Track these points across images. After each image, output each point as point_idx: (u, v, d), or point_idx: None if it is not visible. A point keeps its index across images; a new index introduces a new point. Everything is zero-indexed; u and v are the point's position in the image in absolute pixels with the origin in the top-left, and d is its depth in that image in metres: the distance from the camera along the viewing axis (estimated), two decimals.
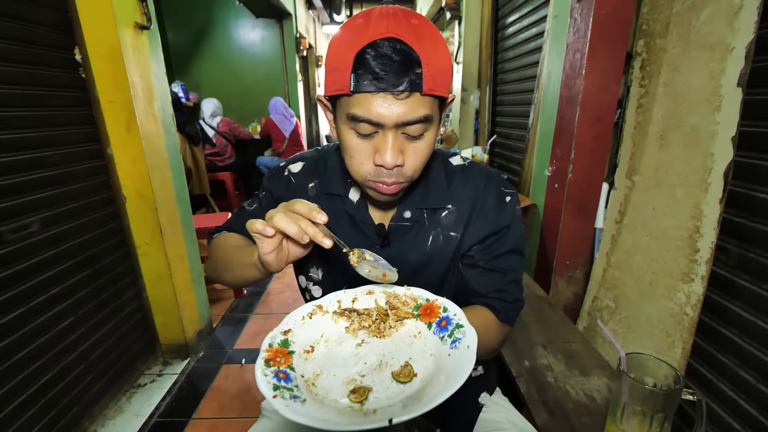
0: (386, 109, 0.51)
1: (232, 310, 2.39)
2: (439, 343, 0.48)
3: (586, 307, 1.42)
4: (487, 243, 0.68)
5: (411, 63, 0.49)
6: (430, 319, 0.51)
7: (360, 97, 0.51)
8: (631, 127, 1.26)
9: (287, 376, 0.44)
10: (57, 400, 1.32)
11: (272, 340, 0.49)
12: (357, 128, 0.54)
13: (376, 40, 0.49)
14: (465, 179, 0.69)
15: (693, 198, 1.02)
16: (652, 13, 1.17)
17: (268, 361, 0.45)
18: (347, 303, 0.58)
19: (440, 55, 0.52)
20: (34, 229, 1.25)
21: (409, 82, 0.49)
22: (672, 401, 0.65)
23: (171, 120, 1.74)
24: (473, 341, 0.44)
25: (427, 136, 0.56)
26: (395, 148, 0.54)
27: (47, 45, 1.32)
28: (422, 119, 0.53)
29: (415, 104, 0.51)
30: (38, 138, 1.29)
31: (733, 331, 0.94)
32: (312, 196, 0.71)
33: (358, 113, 0.52)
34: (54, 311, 1.32)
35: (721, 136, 0.93)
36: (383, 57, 0.49)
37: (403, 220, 0.68)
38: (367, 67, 0.49)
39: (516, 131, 2.25)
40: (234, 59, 4.77)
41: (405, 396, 0.42)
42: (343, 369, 0.48)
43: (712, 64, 0.96)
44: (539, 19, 1.87)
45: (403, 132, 0.54)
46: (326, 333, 0.54)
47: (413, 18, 0.52)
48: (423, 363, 0.47)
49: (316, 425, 0.36)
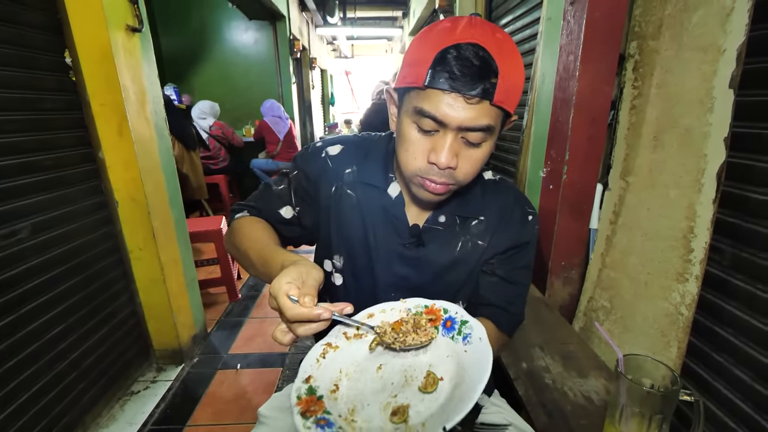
0: (454, 110, 0.52)
1: (227, 314, 2.37)
2: (452, 343, 0.49)
3: (582, 308, 1.43)
4: (507, 254, 0.71)
5: (489, 71, 0.51)
6: (435, 323, 0.52)
7: (431, 93, 0.53)
8: (624, 128, 1.26)
9: (327, 422, 0.44)
10: (49, 409, 1.30)
11: (298, 391, 0.49)
12: (420, 123, 0.55)
13: (461, 43, 0.51)
14: (497, 193, 0.73)
15: (687, 198, 1.02)
16: (644, 15, 1.18)
17: (304, 414, 0.45)
18: (352, 332, 0.57)
19: (517, 72, 0.54)
20: (23, 235, 1.23)
21: (482, 90, 0.51)
22: (670, 402, 0.65)
23: (164, 123, 1.72)
24: (482, 332, 0.45)
25: (484, 146, 0.57)
26: (452, 150, 0.55)
27: (36, 47, 1.30)
28: (485, 128, 0.54)
29: (482, 111, 0.53)
30: (28, 142, 1.27)
31: (728, 330, 0.95)
32: (348, 182, 0.71)
33: (426, 108, 0.53)
34: (45, 318, 1.30)
35: (713, 137, 0.94)
36: (464, 60, 0.50)
37: (437, 223, 0.70)
38: (446, 65, 0.51)
39: (510, 133, 2.26)
40: (227, 61, 4.75)
41: (441, 402, 0.43)
42: (374, 396, 0.48)
43: (704, 66, 0.97)
44: (532, 21, 1.88)
45: (462, 136, 0.55)
46: (344, 368, 0.53)
47: (498, 33, 0.54)
48: (444, 366, 0.48)
49: None
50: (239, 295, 2.56)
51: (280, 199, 0.73)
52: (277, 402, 0.79)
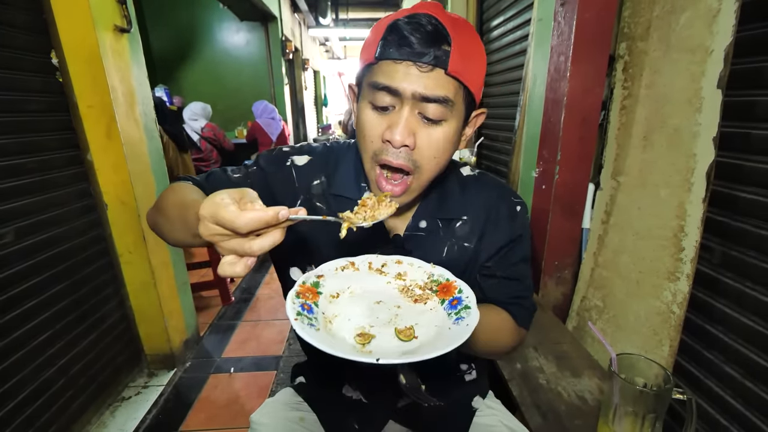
0: (406, 79, 0.50)
1: (220, 318, 2.34)
2: (446, 318, 0.51)
3: (575, 307, 1.43)
4: (503, 252, 0.69)
5: (440, 38, 0.50)
6: (445, 296, 0.55)
7: (383, 65, 0.52)
8: (615, 128, 1.27)
9: (310, 309, 0.50)
10: (36, 418, 1.27)
11: (306, 279, 0.55)
12: (375, 99, 0.53)
13: (412, 14, 0.51)
14: (478, 189, 0.70)
15: (677, 197, 1.03)
16: (633, 17, 1.19)
17: (298, 294, 0.52)
18: (377, 265, 0.61)
19: (475, 53, 0.52)
20: (8, 240, 1.20)
21: (434, 56, 0.49)
22: (663, 401, 0.65)
23: (153, 125, 1.70)
24: (473, 321, 0.46)
25: (445, 126, 0.54)
26: (407, 126, 0.53)
27: (21, 48, 1.28)
28: (442, 99, 0.51)
29: (438, 81, 0.50)
30: (13, 144, 1.24)
31: (718, 328, 0.96)
32: (317, 194, 0.67)
33: (379, 80, 0.52)
34: (32, 324, 1.27)
35: (702, 136, 0.95)
36: (414, 25, 0.50)
37: (418, 229, 0.67)
38: (396, 32, 0.50)
39: (503, 133, 2.27)
40: (218, 62, 4.72)
41: (402, 350, 0.47)
42: (358, 317, 0.52)
43: (692, 67, 0.98)
44: (524, 22, 1.89)
45: (420, 112, 0.53)
46: (353, 286, 0.58)
47: (455, 15, 0.54)
48: (426, 330, 0.50)
49: (322, 347, 0.41)
50: (232, 298, 2.53)
51: (231, 184, 0.65)
52: (269, 408, 0.78)
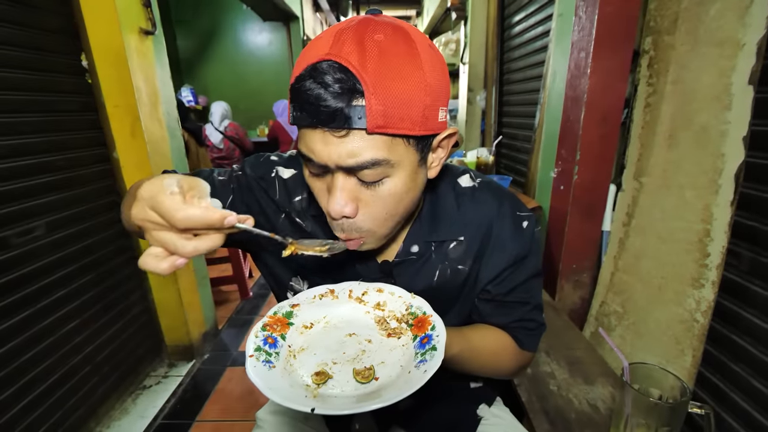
0: (325, 149, 0.42)
1: (238, 312, 2.40)
2: (411, 358, 0.48)
3: (594, 312, 1.39)
4: (503, 276, 0.61)
5: (348, 93, 0.40)
6: (418, 332, 0.51)
7: (302, 132, 0.44)
8: (638, 126, 1.22)
9: (274, 342, 0.49)
10: (63, 402, 1.34)
11: (279, 309, 0.54)
12: (307, 165, 0.47)
13: (318, 62, 0.40)
14: (476, 204, 0.61)
15: (703, 200, 0.98)
16: (659, 10, 1.14)
17: (265, 326, 0.50)
18: (357, 294, 0.59)
19: (406, 80, 0.41)
20: (39, 233, 1.27)
21: (343, 118, 0.40)
22: (678, 414, 0.62)
23: (176, 124, 1.75)
24: (433, 367, 0.43)
25: (388, 183, 0.45)
26: (344, 194, 0.45)
27: (53, 51, 1.35)
28: (371, 164, 0.43)
29: (360, 144, 0.42)
30: (44, 143, 1.31)
31: (746, 339, 0.90)
32: (298, 210, 0.61)
33: (302, 149, 0.45)
34: (59, 314, 1.34)
35: (731, 135, 0.90)
36: (315, 86, 0.40)
37: (409, 254, 0.60)
38: (298, 97, 0.42)
39: (522, 132, 2.22)
40: (241, 62, 4.82)
41: (360, 393, 0.45)
42: (324, 352, 0.50)
43: (722, 61, 0.93)
44: (545, 17, 1.84)
45: (354, 175, 0.45)
46: (329, 315, 0.57)
47: (380, 33, 0.42)
48: (389, 371, 0.47)
49: (261, 389, 0.40)
50: (250, 293, 2.59)
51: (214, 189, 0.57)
52: (275, 406, 0.78)
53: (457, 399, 0.76)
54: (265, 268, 0.69)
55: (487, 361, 0.62)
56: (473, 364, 0.61)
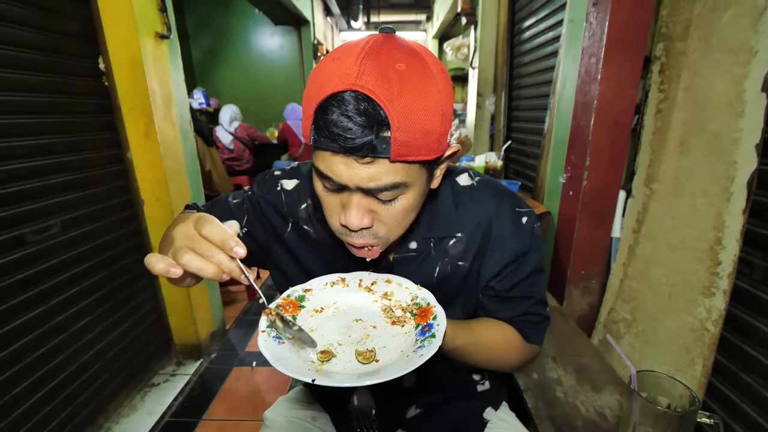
0: (346, 171, 0.45)
1: (245, 312, 2.42)
2: (412, 344, 0.51)
3: (602, 319, 1.37)
4: (506, 272, 0.63)
5: (376, 125, 0.41)
6: (421, 321, 0.54)
7: (323, 154, 0.46)
8: (649, 133, 1.21)
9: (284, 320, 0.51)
10: (74, 397, 1.37)
11: (292, 292, 0.58)
12: (323, 182, 0.49)
13: (340, 92, 0.41)
14: (474, 202, 0.63)
15: (715, 208, 0.97)
16: (671, 16, 1.13)
17: (278, 306, 0.54)
18: (366, 283, 0.62)
19: (426, 111, 0.43)
20: (54, 231, 1.30)
21: (370, 148, 0.42)
22: (687, 424, 0.61)
23: (189, 126, 1.78)
24: (429, 352, 0.45)
25: (402, 200, 0.49)
26: (361, 210, 0.48)
27: (72, 54, 1.38)
28: (390, 187, 0.46)
29: (381, 170, 0.44)
30: (61, 144, 1.34)
31: (758, 349, 0.89)
32: (304, 218, 0.66)
33: (321, 168, 0.47)
34: (72, 311, 1.37)
35: (744, 143, 0.89)
36: (343, 117, 0.41)
37: (408, 251, 0.63)
38: (325, 123, 0.42)
39: (531, 137, 2.21)
40: (253, 66, 4.89)
41: (360, 372, 0.47)
42: (331, 334, 0.54)
43: (734, 68, 0.92)
44: (555, 23, 1.84)
45: (371, 195, 0.48)
46: (339, 302, 0.60)
47: (401, 61, 0.43)
48: (390, 354, 0.50)
49: (269, 359, 0.43)
50: None
51: (230, 212, 0.68)
52: (282, 406, 0.79)
53: (463, 401, 0.76)
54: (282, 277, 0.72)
55: (493, 354, 0.64)
56: (479, 356, 0.62)
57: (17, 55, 1.19)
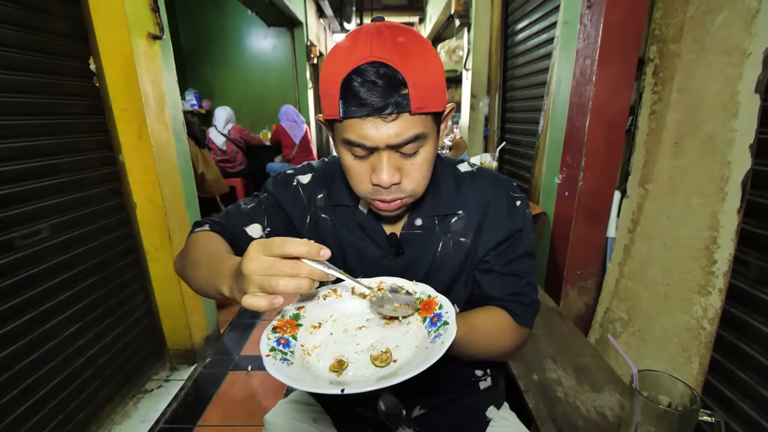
0: (376, 132, 0.52)
1: (240, 316, 2.40)
2: (425, 337, 0.51)
3: (598, 319, 1.38)
4: (501, 248, 0.68)
5: (396, 85, 0.50)
6: (426, 314, 0.54)
7: (350, 123, 0.52)
8: (643, 134, 1.23)
9: (287, 343, 0.51)
10: (65, 405, 1.33)
11: (285, 312, 0.56)
12: (352, 151, 0.56)
13: (360, 65, 0.49)
14: (474, 185, 0.70)
15: (709, 207, 0.98)
16: (665, 18, 1.15)
17: (275, 329, 0.52)
18: (360, 290, 0.61)
19: (430, 70, 0.52)
20: (44, 235, 1.27)
21: (395, 105, 0.50)
22: (688, 422, 0.62)
23: (182, 128, 1.76)
24: (449, 338, 0.46)
25: (423, 152, 0.56)
26: (391, 167, 0.55)
27: (63, 54, 1.36)
28: (414, 138, 0.53)
29: (405, 125, 0.52)
30: (51, 145, 1.31)
31: (753, 347, 0.90)
32: (321, 206, 0.72)
33: (351, 138, 0.53)
34: (63, 316, 1.34)
35: (738, 143, 0.90)
36: (368, 83, 0.49)
37: (414, 228, 0.68)
38: (352, 94, 0.50)
39: (526, 138, 2.23)
40: (246, 67, 4.86)
41: (378, 376, 0.46)
42: (338, 346, 0.53)
43: (728, 70, 0.93)
44: (549, 25, 1.85)
45: (397, 151, 0.55)
46: (336, 314, 0.59)
47: (400, 35, 0.52)
48: (406, 352, 0.50)
49: (289, 383, 0.42)
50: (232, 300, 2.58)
51: (248, 217, 0.71)
52: (283, 409, 0.78)
53: (466, 400, 0.76)
54: None
55: (489, 342, 0.65)
56: (477, 345, 0.64)
57: (5, 55, 1.16)
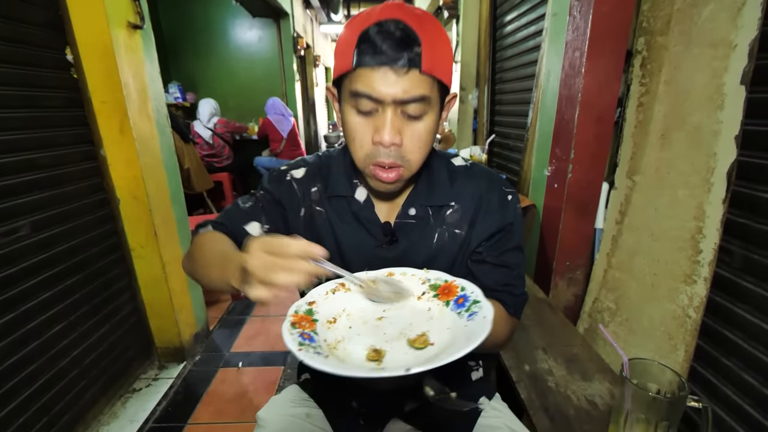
0: (386, 85, 0.53)
1: (230, 313, 2.37)
2: (456, 318, 0.50)
3: (587, 309, 1.40)
4: (494, 240, 0.70)
5: (411, 41, 0.52)
6: (448, 297, 0.54)
7: (361, 72, 0.54)
8: (631, 126, 1.24)
9: (311, 338, 0.48)
10: (50, 407, 1.30)
11: (298, 308, 0.54)
12: (358, 105, 0.56)
13: (381, 20, 0.53)
14: (468, 179, 0.71)
15: (695, 198, 1.00)
16: (652, 11, 1.15)
17: (294, 324, 0.50)
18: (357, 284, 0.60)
19: (442, 43, 0.55)
20: (24, 233, 1.23)
21: (408, 59, 0.52)
22: (677, 408, 0.63)
23: (165, 121, 1.71)
24: (489, 312, 0.46)
25: (426, 119, 0.58)
26: (393, 126, 0.56)
27: (37, 45, 1.30)
28: (420, 98, 0.55)
29: (414, 82, 0.54)
30: (28, 140, 1.26)
31: (737, 334, 0.92)
32: (315, 200, 0.72)
33: (359, 88, 0.55)
34: (46, 316, 1.30)
35: (723, 135, 0.91)
36: (385, 33, 0.52)
37: (408, 217, 0.69)
38: (369, 41, 0.53)
39: (515, 131, 2.23)
40: (231, 59, 4.75)
41: (422, 359, 0.45)
42: (364, 338, 0.51)
43: (714, 62, 0.94)
44: (538, 17, 1.85)
45: (402, 111, 0.56)
46: (348, 308, 0.58)
47: (418, 10, 0.56)
48: (440, 336, 0.49)
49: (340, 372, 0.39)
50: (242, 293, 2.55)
51: (247, 216, 0.72)
52: (276, 405, 0.77)
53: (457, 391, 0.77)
54: None
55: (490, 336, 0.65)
56: None
57: None
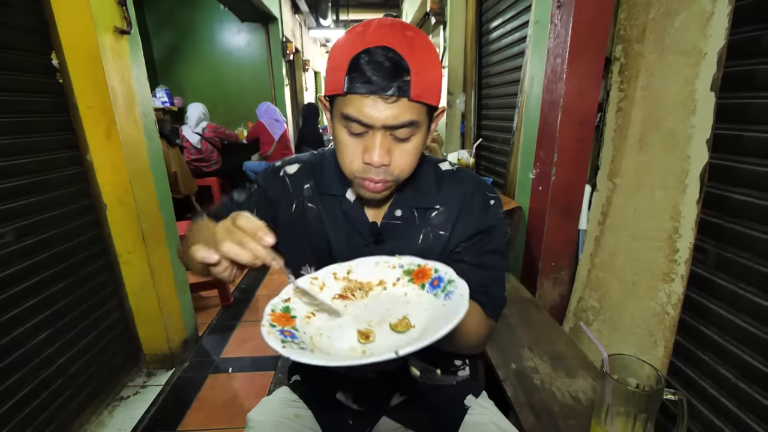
0: (375, 111, 0.55)
1: (219, 318, 2.35)
2: (433, 299, 0.52)
3: (572, 308, 1.44)
4: (473, 241, 0.71)
5: (400, 70, 0.53)
6: (423, 280, 0.55)
7: (352, 98, 0.55)
8: (611, 130, 1.28)
9: (292, 335, 0.48)
10: (35, 415, 1.28)
11: (274, 306, 0.53)
12: (349, 127, 0.58)
13: (371, 47, 0.54)
14: (454, 183, 0.73)
15: (671, 199, 1.04)
16: (629, 19, 1.20)
17: (273, 323, 0.50)
18: (342, 274, 0.61)
19: (431, 66, 0.56)
20: (8, 240, 1.21)
21: (397, 88, 0.54)
22: (654, 401, 0.66)
23: (153, 126, 1.71)
24: (465, 290, 0.47)
25: (414, 140, 0.60)
26: (383, 148, 0.58)
27: (22, 50, 1.29)
28: (408, 123, 0.56)
29: (403, 109, 0.55)
30: (13, 145, 1.25)
31: (712, 329, 0.96)
32: (308, 196, 0.74)
33: (350, 113, 0.56)
34: (31, 323, 1.28)
35: (696, 138, 0.96)
36: (375, 63, 0.53)
37: (394, 218, 0.71)
38: (359, 70, 0.54)
39: (501, 134, 2.28)
40: (219, 63, 4.74)
41: (406, 341, 0.46)
42: (343, 329, 0.52)
43: (686, 69, 0.99)
44: (521, 24, 1.90)
45: (391, 134, 0.58)
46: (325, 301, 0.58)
47: (409, 31, 0.57)
48: (419, 318, 0.50)
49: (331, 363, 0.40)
50: (231, 298, 2.54)
51: (239, 207, 0.74)
52: (266, 406, 0.78)
53: (445, 389, 0.79)
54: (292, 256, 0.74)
55: (465, 332, 0.66)
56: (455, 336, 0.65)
57: None
